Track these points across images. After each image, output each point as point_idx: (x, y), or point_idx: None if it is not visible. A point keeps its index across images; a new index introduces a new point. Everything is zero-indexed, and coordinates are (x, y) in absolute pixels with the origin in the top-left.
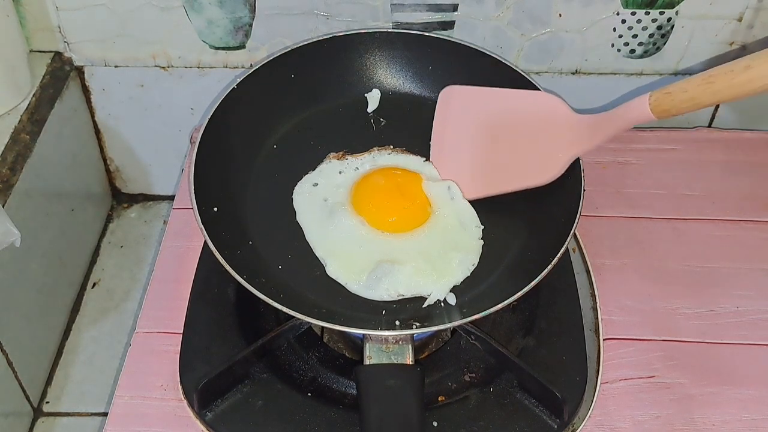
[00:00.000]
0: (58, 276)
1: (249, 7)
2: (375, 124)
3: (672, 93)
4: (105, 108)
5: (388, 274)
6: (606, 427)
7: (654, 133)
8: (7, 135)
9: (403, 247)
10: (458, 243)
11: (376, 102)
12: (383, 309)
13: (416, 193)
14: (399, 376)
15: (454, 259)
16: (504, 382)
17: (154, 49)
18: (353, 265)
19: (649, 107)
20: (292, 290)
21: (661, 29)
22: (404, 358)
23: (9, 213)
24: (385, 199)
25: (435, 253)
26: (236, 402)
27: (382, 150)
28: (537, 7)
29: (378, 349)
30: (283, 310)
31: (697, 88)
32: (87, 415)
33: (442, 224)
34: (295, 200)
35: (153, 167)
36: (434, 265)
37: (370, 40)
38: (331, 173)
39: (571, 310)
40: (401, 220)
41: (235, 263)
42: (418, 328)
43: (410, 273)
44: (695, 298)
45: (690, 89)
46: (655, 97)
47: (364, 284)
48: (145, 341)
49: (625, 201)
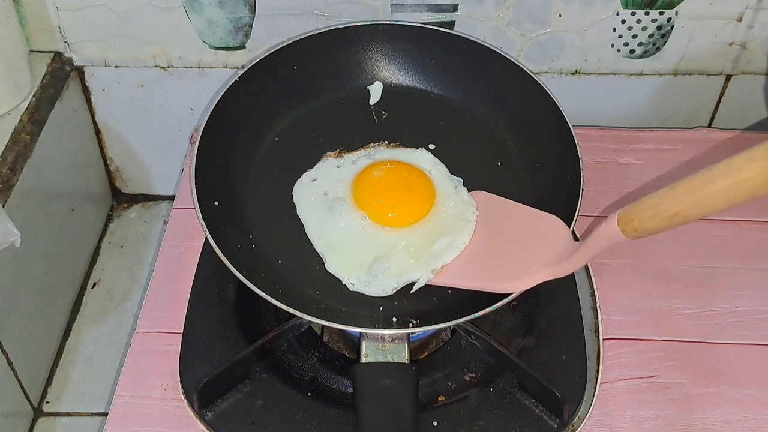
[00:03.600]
0: (58, 276)
1: (249, 7)
2: (377, 117)
3: (637, 204)
4: (105, 108)
5: (385, 270)
6: (606, 427)
7: (654, 133)
8: (7, 135)
9: (399, 240)
10: (449, 229)
11: (378, 95)
12: (381, 306)
13: (420, 186)
14: (394, 374)
15: (443, 242)
16: (504, 382)
17: (154, 49)
18: (352, 260)
19: (617, 224)
20: (291, 285)
21: (661, 29)
22: (400, 357)
23: (9, 213)
24: (388, 193)
25: (424, 242)
26: (236, 402)
27: (378, 146)
28: (537, 7)
29: (375, 348)
30: (281, 306)
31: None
32: (87, 415)
33: (441, 216)
34: (295, 195)
35: (153, 167)
36: (422, 253)
37: (373, 32)
38: (329, 168)
39: (571, 310)
40: (403, 214)
41: (235, 258)
42: (415, 327)
43: (401, 264)
44: (695, 298)
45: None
46: (621, 213)
47: (362, 281)
48: (145, 341)
49: (625, 201)
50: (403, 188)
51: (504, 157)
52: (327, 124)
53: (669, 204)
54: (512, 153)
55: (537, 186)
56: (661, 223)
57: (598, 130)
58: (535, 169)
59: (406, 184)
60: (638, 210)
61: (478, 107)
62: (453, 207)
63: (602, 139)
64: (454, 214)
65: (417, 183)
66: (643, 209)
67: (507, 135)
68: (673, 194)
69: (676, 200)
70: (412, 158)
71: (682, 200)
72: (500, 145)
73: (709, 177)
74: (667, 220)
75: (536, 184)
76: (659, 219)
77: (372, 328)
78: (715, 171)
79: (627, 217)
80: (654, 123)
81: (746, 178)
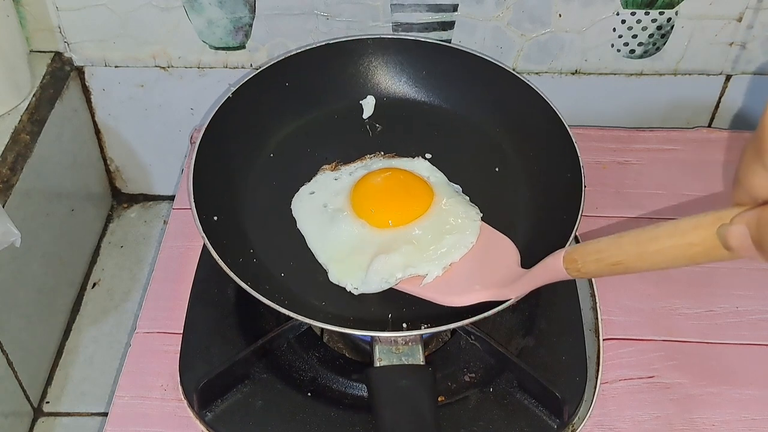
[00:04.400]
0: (58, 276)
1: (249, 7)
2: (371, 130)
3: (584, 246)
4: (105, 108)
5: (384, 263)
6: (606, 427)
7: (654, 133)
8: (7, 135)
9: (401, 236)
10: (454, 226)
11: (371, 108)
12: (389, 313)
13: (417, 186)
14: (411, 376)
15: (449, 240)
16: (504, 382)
17: (154, 49)
18: (353, 265)
19: (562, 261)
20: (297, 297)
21: (661, 29)
22: (415, 359)
23: (9, 213)
24: (386, 198)
25: (429, 238)
26: (236, 402)
27: (374, 157)
28: (537, 7)
29: (388, 351)
30: (294, 316)
31: (605, 243)
32: (87, 415)
33: (443, 215)
34: (294, 208)
35: (153, 167)
36: (428, 248)
37: (363, 46)
38: (326, 181)
39: (571, 310)
40: (401, 214)
41: (239, 271)
42: (427, 329)
43: (405, 256)
44: (695, 298)
45: (600, 243)
46: (568, 251)
47: (363, 281)
48: (145, 341)
49: (625, 201)
50: (401, 190)
51: (501, 162)
52: (322, 138)
53: (613, 252)
54: (510, 158)
55: (536, 189)
56: (603, 269)
57: (598, 130)
58: (534, 172)
59: (403, 187)
60: (584, 252)
61: (473, 115)
62: (455, 206)
63: (602, 139)
64: (457, 213)
65: (414, 184)
66: (589, 252)
67: (503, 140)
68: (619, 244)
69: (620, 250)
70: (409, 166)
71: (627, 251)
72: (497, 151)
73: (655, 234)
74: (609, 267)
75: (536, 187)
76: (602, 264)
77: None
78: (661, 229)
79: (572, 257)
80: (654, 123)
81: (689, 242)
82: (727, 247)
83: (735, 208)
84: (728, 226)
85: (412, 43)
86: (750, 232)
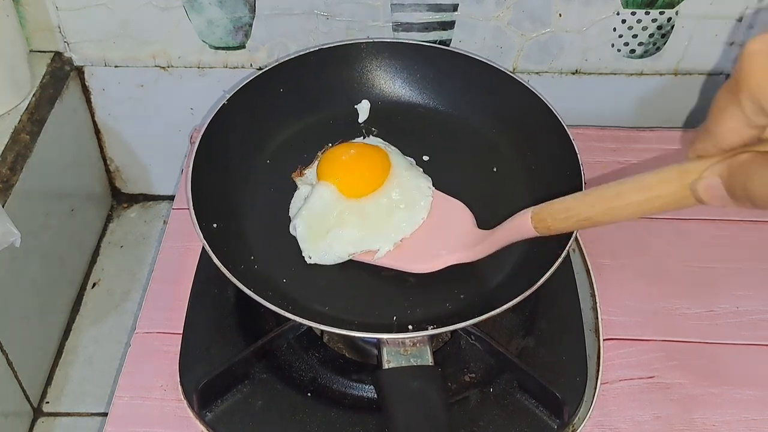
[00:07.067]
0: (58, 276)
1: (249, 7)
2: (367, 134)
3: (551, 205)
4: (105, 108)
5: (338, 238)
6: (606, 427)
7: (654, 133)
8: (7, 135)
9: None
10: (407, 203)
11: (366, 113)
12: (394, 315)
13: (375, 155)
14: (421, 377)
15: (401, 216)
16: (504, 383)
17: (154, 49)
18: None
19: (530, 220)
20: (300, 302)
21: (661, 29)
22: (424, 360)
23: (9, 213)
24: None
25: (382, 214)
26: (236, 402)
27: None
28: (537, 7)
29: (396, 353)
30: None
31: (573, 201)
32: (87, 415)
33: (397, 189)
34: (292, 213)
35: (153, 167)
36: (381, 224)
37: (357, 51)
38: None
39: (571, 310)
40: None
41: (241, 278)
42: (433, 330)
43: (357, 230)
44: (695, 298)
45: (567, 201)
46: (535, 210)
47: (319, 252)
48: (145, 341)
49: None
50: (360, 157)
51: (499, 162)
52: (318, 144)
53: (582, 210)
54: (507, 157)
55: (535, 187)
56: (573, 225)
57: (598, 130)
58: (532, 171)
59: (366, 154)
60: (552, 211)
61: (468, 117)
62: (409, 180)
63: (602, 139)
64: (410, 188)
65: (372, 152)
66: (557, 210)
67: (500, 140)
68: (587, 201)
69: (588, 207)
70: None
71: (595, 207)
72: (494, 151)
73: (621, 190)
74: (578, 223)
75: (534, 186)
76: (571, 222)
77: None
78: (627, 185)
79: (540, 216)
80: (654, 123)
81: (656, 195)
82: (699, 200)
83: (696, 160)
84: (700, 180)
85: (405, 47)
86: (723, 182)
